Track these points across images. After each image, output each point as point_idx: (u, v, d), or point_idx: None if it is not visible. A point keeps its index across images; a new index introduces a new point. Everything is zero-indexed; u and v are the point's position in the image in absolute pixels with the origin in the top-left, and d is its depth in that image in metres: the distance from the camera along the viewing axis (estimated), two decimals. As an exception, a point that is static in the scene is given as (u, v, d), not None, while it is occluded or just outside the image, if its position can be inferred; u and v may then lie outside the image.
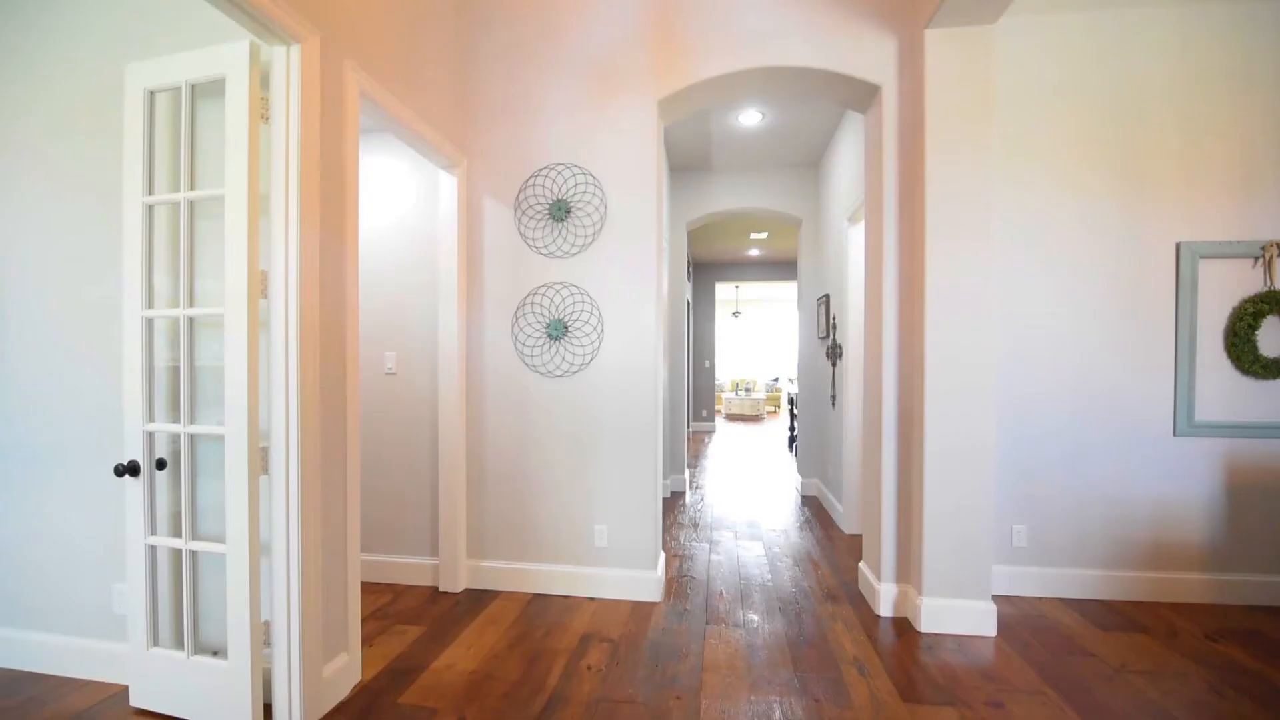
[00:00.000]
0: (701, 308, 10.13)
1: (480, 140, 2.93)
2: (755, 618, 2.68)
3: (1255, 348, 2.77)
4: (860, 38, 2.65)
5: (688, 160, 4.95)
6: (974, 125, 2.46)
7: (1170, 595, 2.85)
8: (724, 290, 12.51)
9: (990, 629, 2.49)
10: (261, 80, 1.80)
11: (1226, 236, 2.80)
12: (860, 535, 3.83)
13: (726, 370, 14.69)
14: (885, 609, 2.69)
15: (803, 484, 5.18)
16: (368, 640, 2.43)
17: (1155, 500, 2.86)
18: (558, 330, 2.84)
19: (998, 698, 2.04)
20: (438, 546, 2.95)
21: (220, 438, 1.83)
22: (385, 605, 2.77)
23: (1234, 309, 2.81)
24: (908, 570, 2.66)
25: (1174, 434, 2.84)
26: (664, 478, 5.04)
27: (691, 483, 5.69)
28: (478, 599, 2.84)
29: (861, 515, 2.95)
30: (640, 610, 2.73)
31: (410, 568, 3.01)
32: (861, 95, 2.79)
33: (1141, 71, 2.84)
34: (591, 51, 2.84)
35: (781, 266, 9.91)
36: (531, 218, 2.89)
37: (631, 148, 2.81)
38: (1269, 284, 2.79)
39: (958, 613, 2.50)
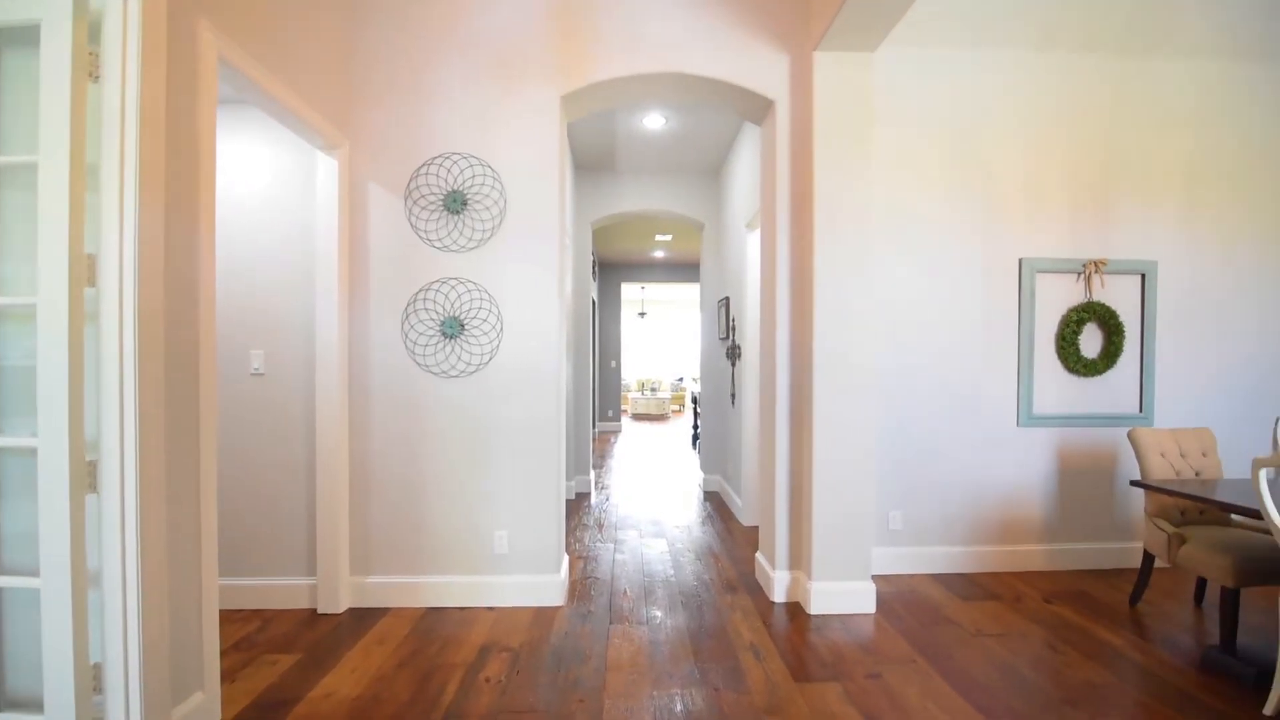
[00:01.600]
0: (608, 308, 10.15)
1: (365, 122, 2.72)
2: (659, 613, 2.71)
3: (1078, 350, 3.24)
4: (757, 54, 2.77)
5: (593, 159, 4.93)
6: (857, 143, 2.66)
7: (1017, 565, 3.24)
8: (630, 291, 12.62)
9: (870, 607, 2.69)
10: (91, 33, 1.54)
11: (1057, 254, 3.25)
12: (758, 527, 4.01)
13: (633, 370, 14.85)
14: (779, 595, 2.83)
15: (705, 480, 5.33)
16: (230, 675, 2.16)
17: (1004, 483, 3.24)
18: (453, 328, 2.70)
19: (876, 669, 2.21)
20: (315, 564, 2.69)
21: (33, 451, 1.53)
22: (252, 634, 2.48)
23: (1062, 317, 3.26)
24: (799, 557, 2.81)
25: (1018, 425, 3.24)
26: (568, 479, 4.98)
27: (597, 483, 5.68)
28: (362, 618, 2.63)
29: (759, 508, 3.09)
30: (543, 616, 2.66)
31: (283, 590, 2.72)
32: (757, 108, 2.92)
33: (993, 106, 3.22)
34: (492, 39, 2.73)
35: (686, 269, 10.18)
36: (424, 209, 2.72)
37: (533, 142, 2.74)
38: (1089, 296, 3.27)
39: (843, 594, 2.68)
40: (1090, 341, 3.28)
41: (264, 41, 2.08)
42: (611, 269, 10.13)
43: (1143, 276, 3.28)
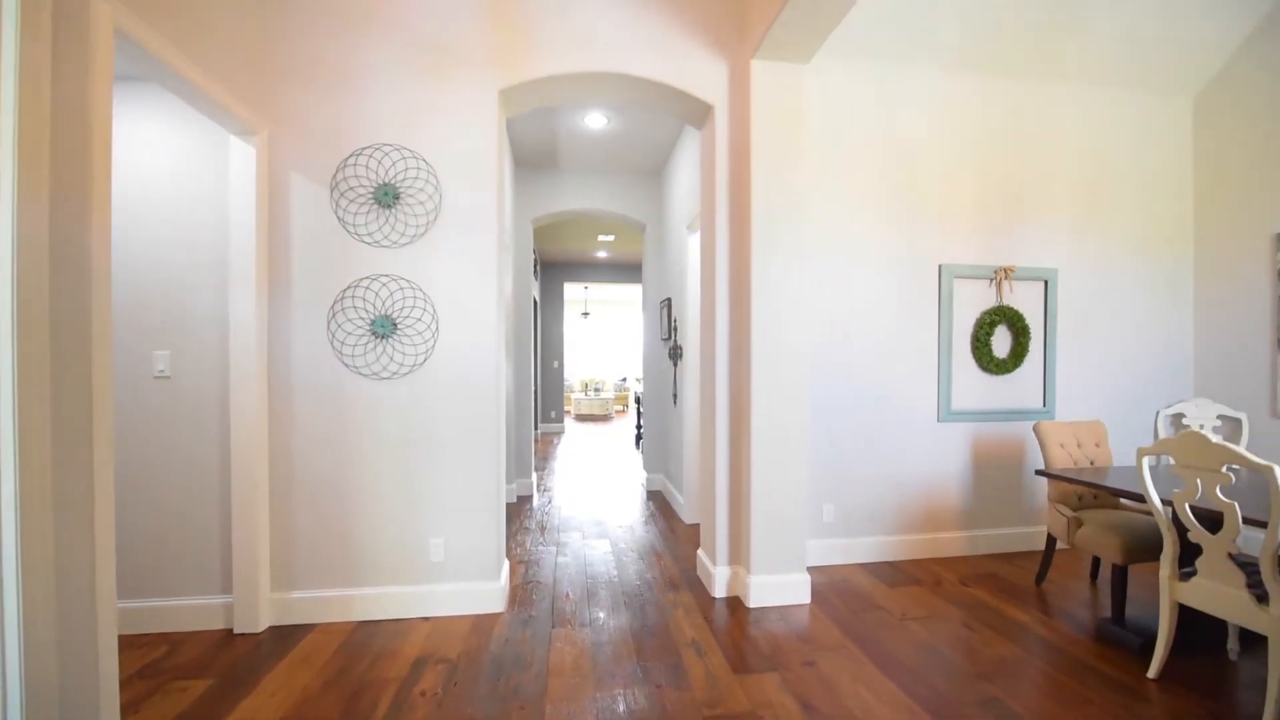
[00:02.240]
0: (550, 307, 10.03)
1: (287, 107, 2.55)
2: (602, 615, 2.69)
3: (991, 350, 3.49)
4: (697, 59, 2.81)
5: (534, 156, 4.85)
6: (791, 151, 2.75)
7: (938, 551, 3.46)
8: (573, 290, 12.53)
9: (806, 597, 2.79)
10: (-47, -9, 1.36)
11: (972, 261, 3.49)
12: (700, 524, 4.08)
13: (576, 371, 14.74)
14: (720, 591, 2.88)
15: (648, 479, 5.37)
16: (132, 707, 1.97)
17: (926, 475, 3.45)
18: (385, 327, 2.58)
19: (811, 657, 2.29)
20: (231, 581, 2.50)
21: (-120, 467, 1.34)
22: (158, 660, 2.28)
23: (977, 319, 3.50)
24: (739, 552, 2.88)
25: (938, 420, 3.45)
26: (509, 483, 4.88)
27: (539, 486, 5.59)
28: (286, 636, 2.47)
29: (700, 505, 3.13)
30: (482, 624, 2.59)
31: (194, 610, 2.51)
32: (697, 112, 2.96)
33: (915, 122, 3.41)
34: (427, 26, 2.63)
35: (629, 269, 10.21)
36: (353, 201, 2.59)
37: (471, 136, 2.66)
38: (1000, 300, 3.53)
39: (780, 587, 2.76)
40: (1001, 342, 3.54)
41: (170, 15, 1.91)
42: (554, 268, 10.01)
43: (1045, 283, 3.57)
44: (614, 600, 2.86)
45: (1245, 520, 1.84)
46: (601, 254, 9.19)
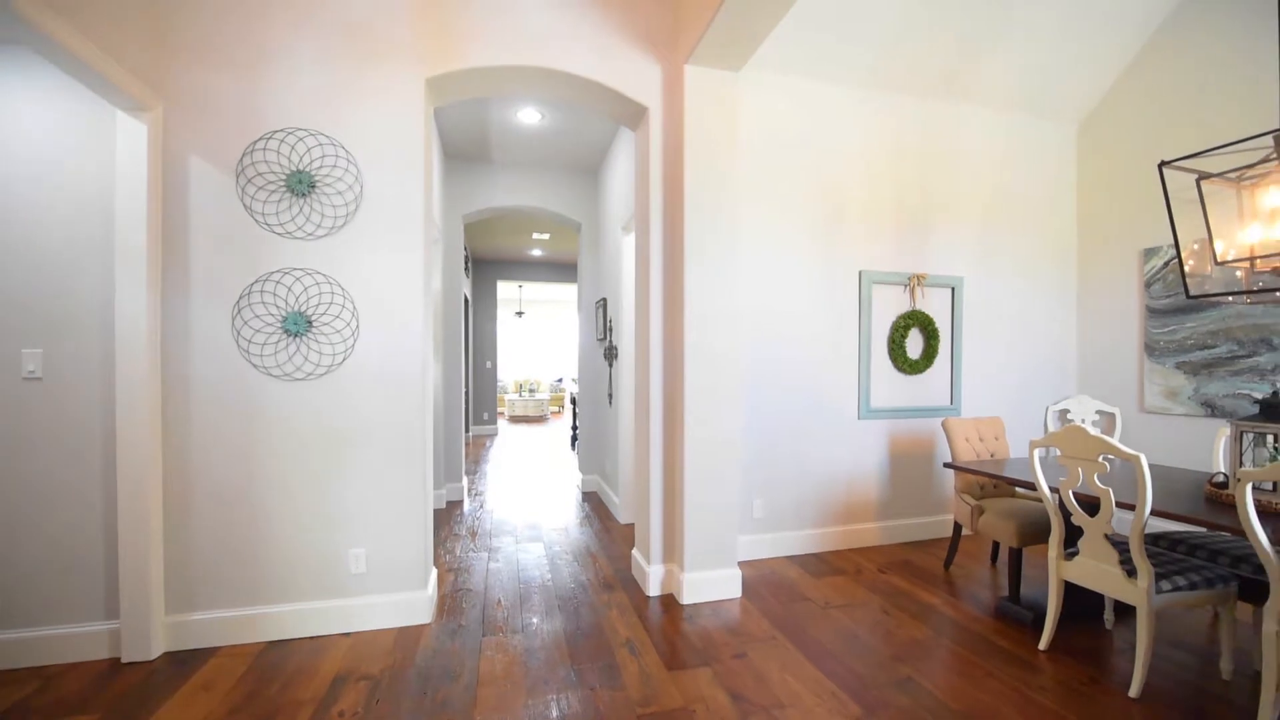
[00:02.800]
0: (483, 306, 9.76)
1: (186, 84, 2.33)
2: (535, 620, 2.65)
3: (905, 352, 3.72)
4: (632, 61, 2.82)
5: (465, 148, 4.70)
6: (724, 155, 2.81)
7: (858, 542, 3.65)
8: (507, 289, 12.25)
9: (737, 591, 2.87)
10: None
11: (889, 268, 3.71)
12: (635, 524, 4.09)
13: (510, 371, 14.43)
14: (654, 589, 2.90)
15: (584, 481, 5.33)
16: (-10, 754, 1.73)
17: (847, 469, 3.63)
18: (298, 325, 2.41)
19: (742, 650, 2.35)
20: (118, 605, 2.25)
21: None
22: (29, 697, 2.02)
23: (893, 322, 3.72)
24: (673, 550, 2.91)
25: (858, 418, 3.65)
26: (438, 488, 4.70)
27: (470, 490, 5.42)
28: (184, 662, 2.26)
29: (635, 505, 3.14)
30: (408, 636, 2.48)
31: (73, 640, 2.24)
32: (632, 113, 2.97)
33: (839, 134, 3.59)
34: (350, 6, 2.48)
35: (564, 268, 10.11)
36: (262, 189, 2.40)
37: (396, 124, 2.54)
38: (913, 305, 3.77)
39: (712, 582, 2.82)
40: (914, 344, 3.78)
41: (39, -29, 1.69)
42: (487, 266, 9.75)
43: (953, 290, 3.85)
44: (548, 604, 2.82)
45: (1118, 504, 2.06)
46: (536, 252, 9.04)
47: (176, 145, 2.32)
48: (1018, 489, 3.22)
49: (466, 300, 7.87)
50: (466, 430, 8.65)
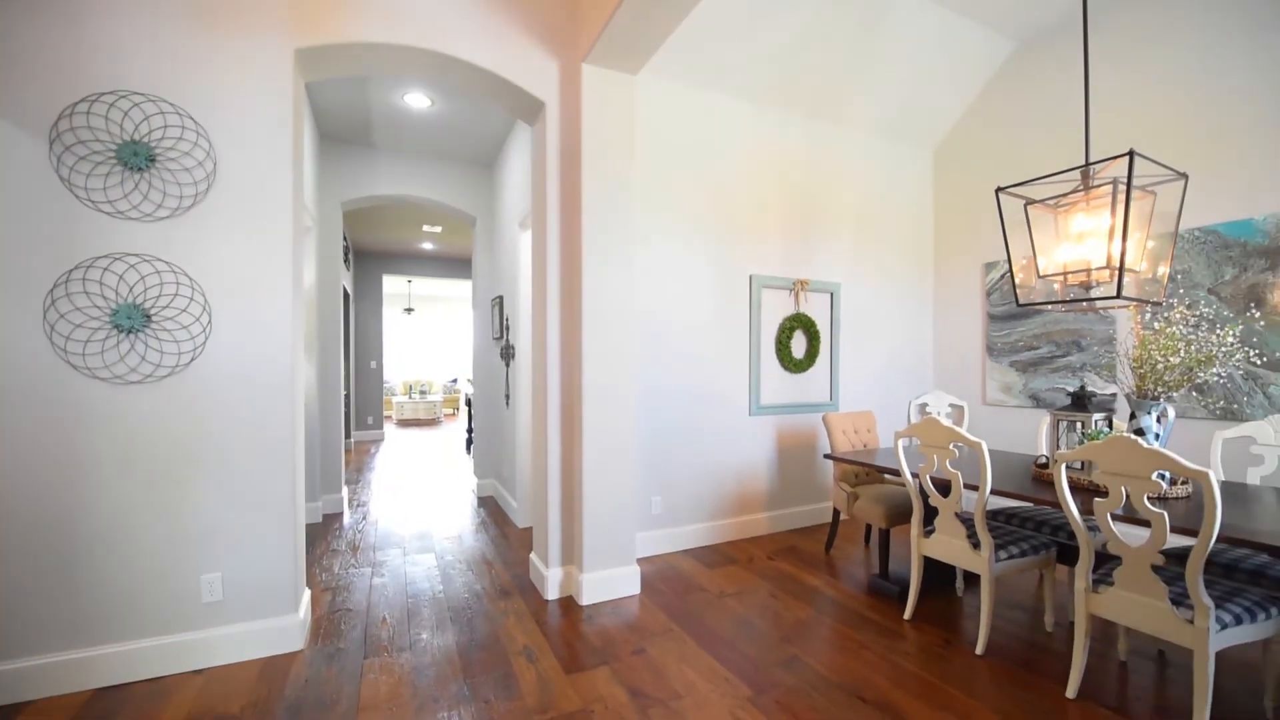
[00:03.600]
0: (366, 301, 9.07)
1: (-23, 26, 1.92)
2: (425, 635, 2.49)
3: (790, 352, 3.97)
4: (529, 53, 2.74)
5: (344, 130, 4.33)
6: (621, 156, 2.82)
7: (751, 531, 3.83)
8: (395, 284, 11.49)
9: (636, 588, 2.90)
10: None
11: (776, 273, 3.93)
12: (533, 528, 4.00)
13: (399, 371, 13.55)
14: (553, 592, 2.85)
15: (479, 485, 5.12)
16: None
17: (740, 463, 3.81)
18: (133, 320, 2.08)
19: (640, 645, 2.38)
20: (-123, 665, 1.81)
21: None
22: None
23: (780, 324, 3.96)
24: (571, 552, 2.88)
25: (749, 414, 3.84)
26: (313, 500, 4.29)
27: (352, 501, 5.01)
28: (-25, 727, 1.86)
29: (533, 508, 3.07)
30: (275, 666, 2.23)
31: None
32: (529, 108, 2.89)
33: (730, 144, 3.75)
34: (194, -42, 2.17)
35: (458, 263, 9.66)
36: (85, 159, 2.04)
37: (258, 97, 2.26)
38: (797, 308, 4.03)
39: (611, 581, 2.82)
40: (799, 345, 4.05)
41: None
42: (372, 259, 9.07)
43: (831, 295, 4.18)
44: (439, 617, 2.67)
45: (965, 485, 2.33)
46: (427, 246, 8.56)
47: (-39, 99, 1.91)
48: (886, 476, 3.55)
49: (347, 294, 7.27)
50: (347, 436, 7.99)
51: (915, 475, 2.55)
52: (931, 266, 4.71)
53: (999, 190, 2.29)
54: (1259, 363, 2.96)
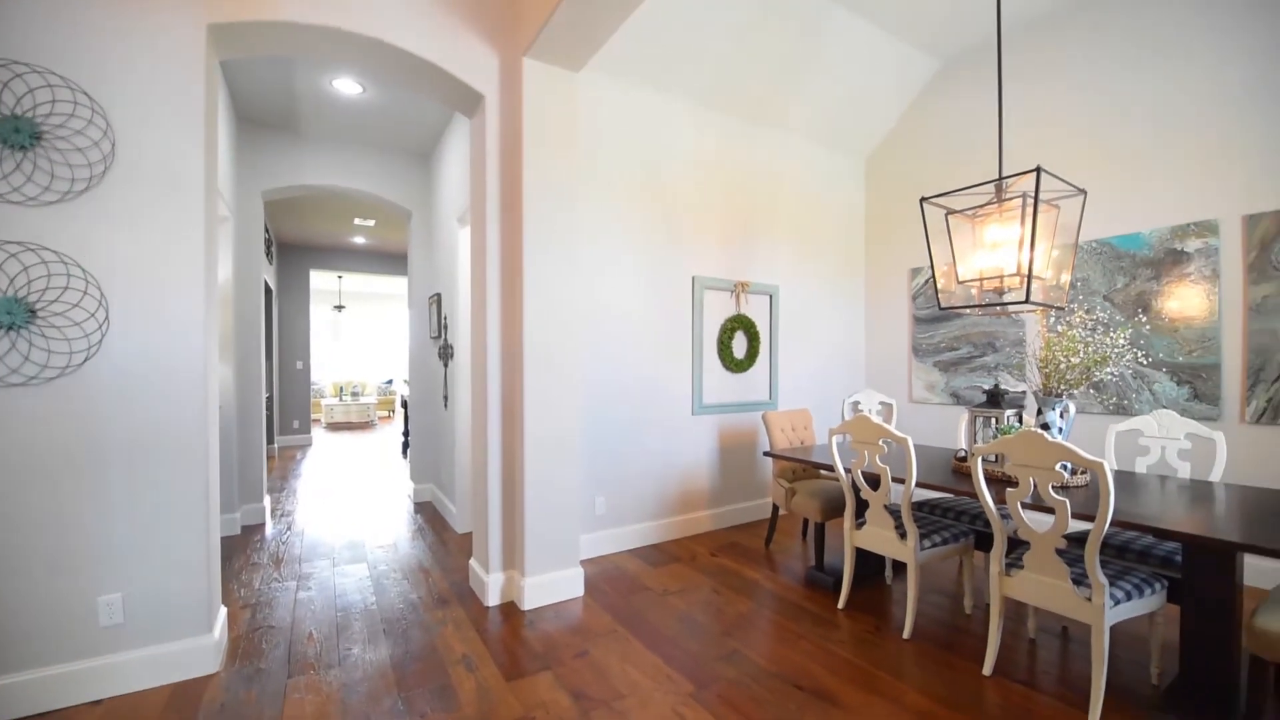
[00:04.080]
0: (292, 298, 8.54)
1: None
2: (355, 649, 2.37)
3: (732, 352, 4.06)
4: (467, 44, 2.66)
5: (267, 115, 4.06)
6: (564, 153, 2.79)
7: (694, 529, 3.88)
8: (324, 280, 10.88)
9: (579, 590, 2.87)
10: None
11: (718, 275, 4.01)
12: (473, 533, 3.89)
13: (329, 372, 12.86)
14: (493, 599, 2.78)
15: (416, 491, 4.93)
16: None
17: (683, 462, 3.85)
18: (13, 315, 1.85)
19: (584, 648, 2.35)
20: None
21: None
22: None
23: (721, 325, 4.04)
24: (513, 557, 2.82)
25: (692, 413, 3.89)
26: (231, 511, 3.99)
27: (275, 510, 4.70)
28: None
29: (472, 513, 2.98)
30: (186, 692, 2.05)
31: None
32: (467, 100, 2.81)
33: (674, 146, 3.78)
34: (89, -83, 1.97)
35: (393, 259, 9.27)
36: (-46, 134, 1.81)
37: (165, 72, 2.08)
38: (738, 309, 4.12)
39: (554, 584, 2.78)
40: (740, 345, 4.14)
41: None
42: (298, 252, 8.55)
43: (771, 297, 4.30)
44: (371, 630, 2.55)
45: (893, 479, 2.46)
46: (360, 240, 8.16)
47: None
48: (822, 471, 3.69)
49: (269, 290, 6.83)
50: (270, 441, 7.50)
51: (848, 470, 2.65)
52: (864, 270, 4.94)
53: (923, 200, 2.42)
54: (1145, 363, 3.28)
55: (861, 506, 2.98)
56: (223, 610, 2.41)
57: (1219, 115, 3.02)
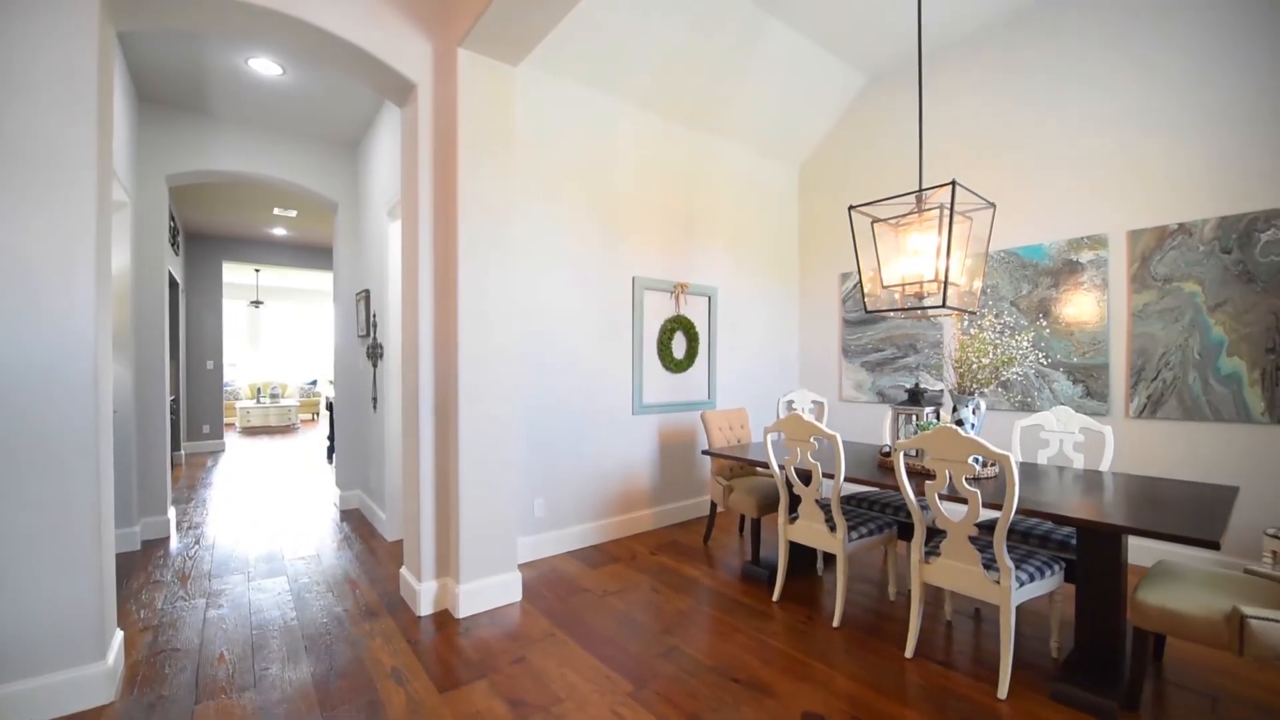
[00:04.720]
0: (201, 292, 7.90)
1: None
2: (273, 669, 2.21)
3: (671, 352, 4.10)
4: (397, 30, 2.54)
5: (172, 93, 3.72)
6: (501, 149, 2.72)
7: (635, 529, 3.89)
8: (239, 273, 10.14)
9: (517, 595, 2.81)
10: None
11: (657, 276, 4.04)
12: (404, 540, 3.72)
13: (244, 373, 11.98)
14: (426, 608, 2.68)
15: (342, 497, 4.68)
16: None
17: (623, 462, 3.85)
18: None
19: (521, 654, 2.31)
20: None
21: None
22: None
23: (661, 325, 4.07)
24: (447, 563, 2.72)
25: (633, 414, 3.90)
26: (128, 525, 3.63)
27: (181, 523, 4.33)
28: None
29: (404, 519, 2.86)
30: (70, 728, 1.85)
31: None
32: (399, 88, 2.69)
33: (616, 146, 3.78)
34: None
35: (317, 252, 8.75)
36: None
37: (49, 39, 1.86)
38: (678, 310, 4.17)
39: (490, 590, 2.71)
40: (679, 345, 4.19)
41: None
42: (209, 243, 7.91)
43: (709, 298, 4.38)
44: (291, 648, 2.39)
45: (824, 474, 2.56)
46: (279, 231, 7.65)
47: None
48: (758, 468, 3.79)
49: (175, 283, 6.29)
50: (176, 448, 6.90)
51: (782, 467, 2.74)
52: (797, 274, 5.12)
53: (851, 208, 2.54)
54: (1046, 363, 3.58)
55: (795, 502, 3.08)
56: (119, 634, 2.18)
57: (1108, 137, 3.35)
